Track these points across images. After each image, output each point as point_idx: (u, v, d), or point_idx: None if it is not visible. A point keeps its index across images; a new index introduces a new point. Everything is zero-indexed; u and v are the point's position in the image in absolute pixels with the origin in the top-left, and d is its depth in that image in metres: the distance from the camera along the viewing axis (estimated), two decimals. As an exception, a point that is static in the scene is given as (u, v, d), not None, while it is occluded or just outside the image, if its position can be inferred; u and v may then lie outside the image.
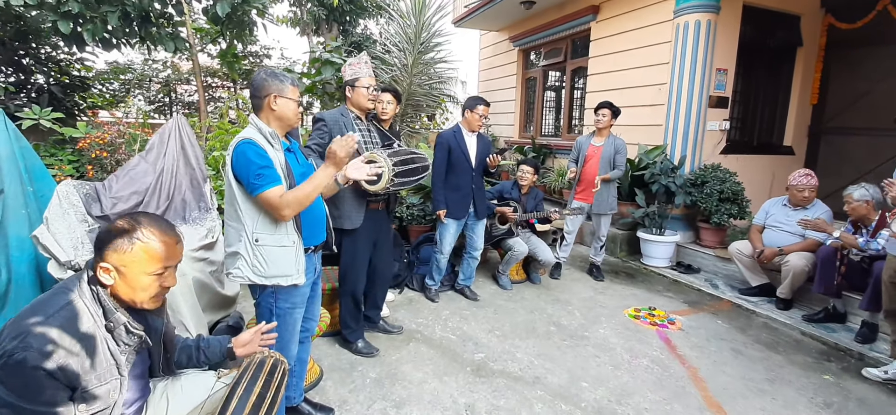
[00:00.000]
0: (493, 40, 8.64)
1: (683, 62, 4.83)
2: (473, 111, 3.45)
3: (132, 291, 1.26)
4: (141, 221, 1.26)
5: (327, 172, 1.80)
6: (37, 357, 1.07)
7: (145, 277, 1.26)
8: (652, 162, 4.86)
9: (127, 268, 1.23)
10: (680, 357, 3.00)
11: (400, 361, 2.82)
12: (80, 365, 1.15)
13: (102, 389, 1.21)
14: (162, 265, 1.28)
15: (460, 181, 3.44)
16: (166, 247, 1.29)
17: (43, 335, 1.10)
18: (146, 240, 1.24)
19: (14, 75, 5.07)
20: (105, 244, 1.21)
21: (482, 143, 3.58)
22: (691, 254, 4.83)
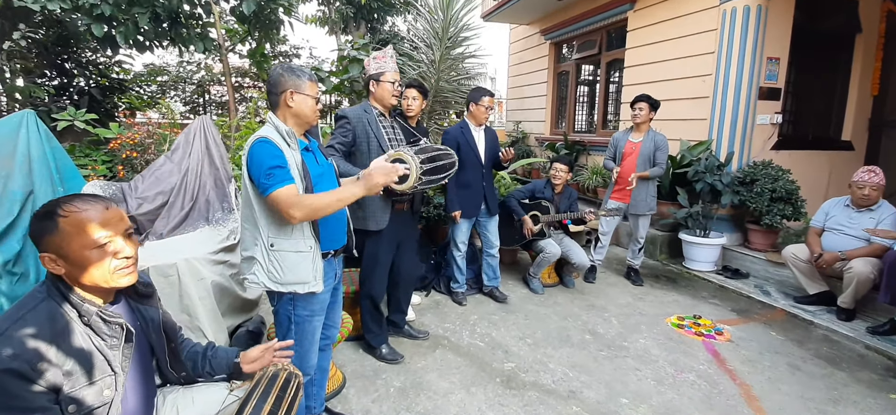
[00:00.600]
0: (523, 34, 8.40)
1: (731, 51, 4.49)
2: (479, 104, 3.30)
3: (86, 272, 1.16)
4: (58, 201, 1.16)
5: (355, 191, 1.68)
6: (6, 361, 1.00)
7: (89, 252, 1.15)
8: (695, 159, 4.54)
9: (65, 249, 1.13)
10: (730, 372, 2.75)
11: (425, 369, 2.69)
12: (60, 366, 1.08)
13: (92, 389, 1.13)
14: (99, 234, 1.16)
15: (470, 178, 3.29)
16: (96, 212, 1.17)
17: (14, 340, 1.04)
18: (66, 214, 1.13)
19: (57, 79, 5.26)
20: (37, 237, 1.13)
21: (490, 136, 3.44)
22: (739, 258, 4.49)
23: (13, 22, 4.11)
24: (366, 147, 2.50)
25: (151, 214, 2.65)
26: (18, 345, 1.03)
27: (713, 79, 4.65)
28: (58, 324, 1.11)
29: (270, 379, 1.48)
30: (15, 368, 1.00)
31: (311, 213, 1.62)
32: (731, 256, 4.56)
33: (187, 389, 1.53)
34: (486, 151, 3.38)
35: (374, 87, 2.57)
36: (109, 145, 3.70)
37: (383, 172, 1.69)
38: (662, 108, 4.20)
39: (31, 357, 1.04)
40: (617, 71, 6.50)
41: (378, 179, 1.69)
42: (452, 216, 3.32)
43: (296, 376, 1.55)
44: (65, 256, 1.13)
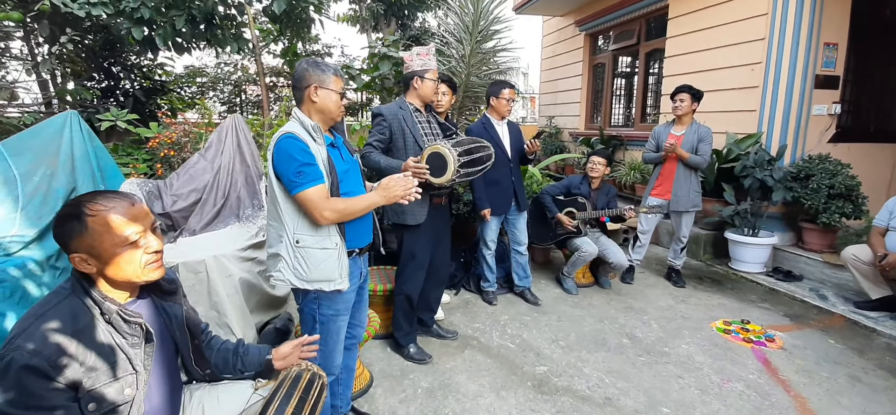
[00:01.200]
0: (556, 26, 8.16)
1: (783, 37, 4.18)
2: (499, 96, 3.20)
3: (119, 268, 1.16)
4: (81, 201, 1.15)
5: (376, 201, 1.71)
6: (26, 357, 1.00)
7: (121, 249, 1.15)
8: (744, 153, 4.25)
9: (96, 247, 1.13)
10: (783, 382, 2.54)
11: (454, 370, 2.62)
12: (82, 363, 1.07)
13: (113, 386, 1.13)
14: (129, 230, 1.16)
15: (498, 175, 3.19)
16: (123, 209, 1.16)
17: (36, 336, 1.03)
18: (94, 213, 1.13)
19: (105, 82, 5.51)
20: (65, 236, 1.12)
21: (513, 130, 3.33)
22: (792, 259, 4.18)
23: (62, 27, 4.34)
24: (402, 143, 2.49)
25: (185, 211, 2.70)
26: (40, 342, 1.03)
27: (763, 67, 4.34)
28: (80, 321, 1.11)
29: (294, 380, 1.45)
30: (35, 365, 1.00)
31: (342, 215, 1.64)
32: (783, 256, 4.25)
33: (213, 386, 1.52)
34: (512, 145, 3.28)
35: (418, 84, 2.54)
36: (148, 144, 3.85)
37: (404, 188, 1.70)
38: (707, 99, 3.95)
39: (52, 354, 1.03)
40: (657, 62, 6.21)
41: (396, 192, 1.70)
42: (482, 215, 3.23)
43: (319, 378, 1.52)
44: (97, 255, 1.13)
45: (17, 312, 1.80)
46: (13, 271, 1.86)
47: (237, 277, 2.23)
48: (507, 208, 3.32)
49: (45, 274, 2.01)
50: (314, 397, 1.45)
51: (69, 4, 3.87)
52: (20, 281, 1.86)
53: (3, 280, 1.81)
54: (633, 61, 6.81)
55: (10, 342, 1.02)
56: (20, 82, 4.86)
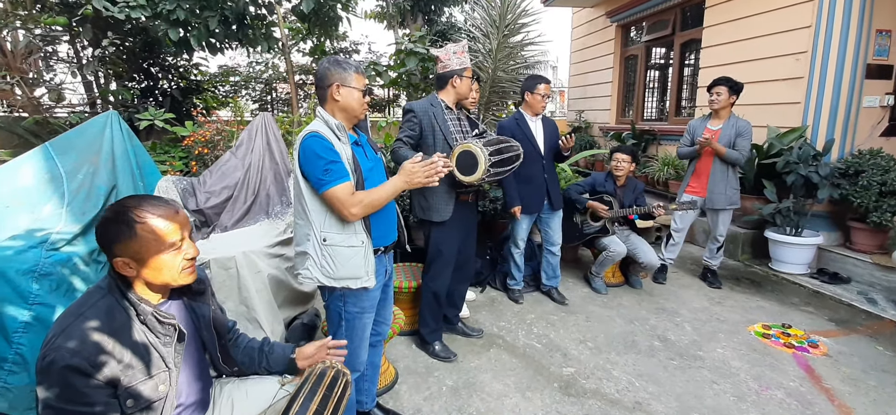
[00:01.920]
0: (586, 17, 7.97)
1: (831, 24, 3.93)
2: (534, 92, 3.12)
3: (159, 273, 1.21)
4: (131, 204, 1.19)
5: (398, 186, 1.70)
6: (67, 356, 1.04)
7: (165, 256, 1.20)
8: (786, 148, 4.03)
9: (141, 254, 1.17)
10: (827, 391, 2.40)
11: (479, 369, 2.60)
12: (119, 360, 1.11)
13: (148, 384, 1.17)
14: (174, 238, 1.21)
15: (531, 171, 3.12)
16: (168, 218, 1.21)
17: (75, 335, 1.08)
18: (144, 219, 1.17)
19: (144, 82, 5.75)
20: (110, 240, 1.16)
21: (548, 126, 3.24)
22: (839, 260, 3.94)
23: (104, 31, 4.55)
24: (432, 140, 2.49)
25: (218, 208, 2.78)
26: (79, 341, 1.07)
27: (809, 56, 4.10)
28: (116, 320, 1.15)
29: (318, 377, 1.46)
30: (75, 364, 1.04)
31: (368, 208, 1.64)
32: (829, 257, 4.02)
33: (241, 381, 1.56)
34: (546, 141, 3.21)
35: (456, 83, 2.53)
36: (184, 142, 3.98)
37: (425, 174, 1.68)
38: (746, 91, 3.76)
39: (92, 353, 1.07)
40: (692, 52, 5.97)
41: (419, 179, 1.68)
42: (512, 212, 3.16)
43: (343, 375, 1.53)
44: (140, 259, 1.17)
45: (64, 304, 1.89)
46: (60, 266, 1.95)
47: (266, 273, 2.28)
48: (539, 207, 3.25)
49: (89, 268, 2.10)
50: (338, 394, 1.46)
51: (110, 8, 4.04)
52: (66, 275, 1.96)
53: (51, 274, 1.91)
54: (668, 52, 6.56)
55: (52, 342, 1.07)
56: (67, 84, 5.14)
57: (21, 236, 2.00)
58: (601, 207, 3.50)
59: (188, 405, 1.34)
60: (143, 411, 1.16)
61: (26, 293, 1.81)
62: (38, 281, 1.86)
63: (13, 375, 1.74)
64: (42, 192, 2.35)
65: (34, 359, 1.78)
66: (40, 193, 2.34)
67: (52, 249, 2.00)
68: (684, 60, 6.13)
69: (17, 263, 1.83)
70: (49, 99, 4.71)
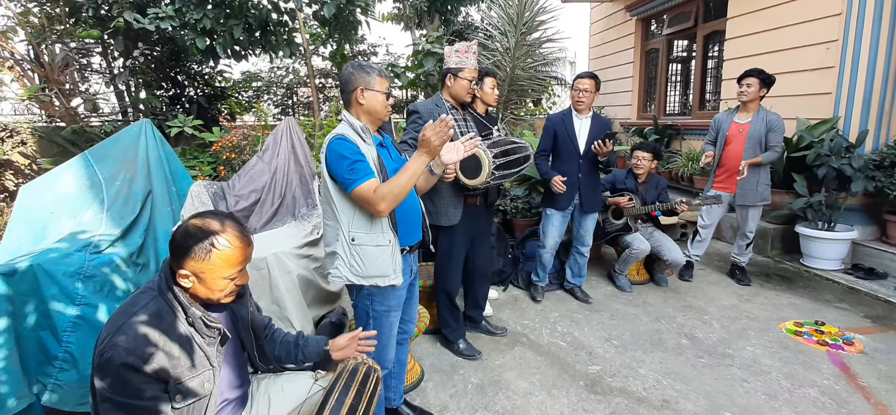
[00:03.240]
0: (605, 12, 7.87)
1: (863, 11, 3.80)
2: (573, 88, 3.11)
3: (209, 292, 1.28)
4: (215, 227, 1.26)
5: (420, 160, 1.61)
6: (122, 354, 1.11)
7: (222, 281, 1.27)
8: (817, 140, 3.92)
9: (205, 274, 1.24)
10: (862, 389, 2.33)
11: (503, 367, 2.61)
12: (168, 359, 1.18)
13: (195, 381, 1.23)
14: (238, 269, 1.30)
15: (566, 168, 3.10)
16: (241, 251, 1.29)
17: (128, 334, 1.14)
18: (222, 247, 1.25)
19: (172, 90, 5.93)
20: (184, 252, 1.22)
21: (596, 126, 3.14)
22: (875, 255, 3.81)
23: (134, 42, 4.72)
24: None
25: (247, 211, 2.86)
26: (133, 340, 1.14)
27: (840, 45, 3.97)
28: (166, 321, 1.22)
29: (351, 373, 1.51)
30: (130, 362, 1.12)
31: (395, 199, 1.61)
32: (864, 252, 3.89)
33: (277, 377, 1.62)
34: (589, 141, 3.10)
35: (450, 82, 2.50)
36: (212, 148, 4.10)
37: (434, 131, 1.58)
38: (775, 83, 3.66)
39: (144, 351, 1.14)
40: (716, 44, 5.84)
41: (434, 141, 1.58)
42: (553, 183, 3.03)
43: (374, 371, 1.57)
44: (201, 278, 1.24)
45: (106, 304, 1.98)
46: (103, 268, 2.05)
47: (295, 273, 2.34)
48: (568, 203, 3.19)
49: (129, 270, 2.20)
50: (371, 388, 1.50)
51: (141, 20, 4.20)
52: (109, 276, 2.05)
53: (95, 275, 2.00)
54: (690, 45, 6.44)
55: (109, 339, 1.14)
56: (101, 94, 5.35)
57: (66, 240, 2.10)
58: (623, 200, 3.46)
59: (231, 401, 1.40)
60: (190, 406, 1.22)
61: (73, 294, 1.91)
62: (84, 282, 1.95)
63: (63, 372, 1.84)
64: (83, 198, 2.47)
65: (82, 356, 1.88)
66: (82, 199, 2.46)
67: (95, 252, 2.10)
68: (708, 53, 6.00)
69: (65, 266, 1.92)
70: (85, 109, 4.91)
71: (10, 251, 2.13)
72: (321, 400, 1.45)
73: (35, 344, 1.82)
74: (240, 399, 1.46)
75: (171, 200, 2.82)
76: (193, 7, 4.34)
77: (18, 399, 1.72)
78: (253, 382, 1.59)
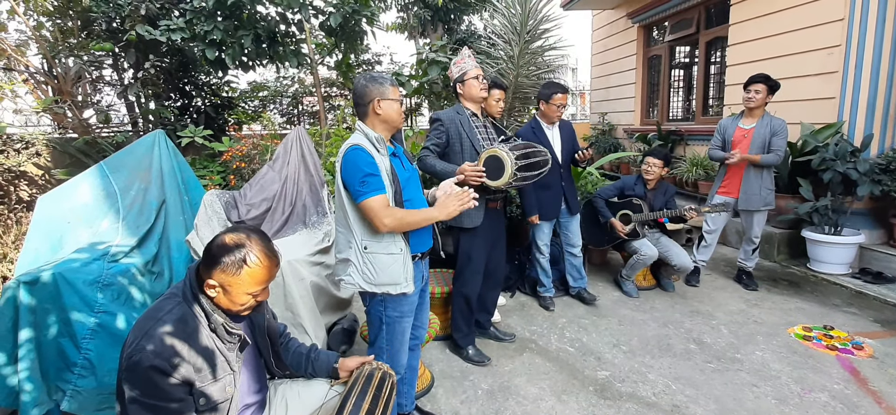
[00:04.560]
0: (607, 20, 7.93)
1: (866, 15, 3.83)
2: (550, 101, 3.13)
3: (231, 304, 1.31)
4: (250, 245, 1.29)
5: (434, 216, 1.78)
6: (150, 358, 1.15)
7: (245, 296, 1.31)
8: (822, 144, 3.93)
9: (232, 287, 1.28)
10: (873, 394, 2.34)
11: (513, 372, 2.63)
12: (192, 363, 1.22)
13: (217, 385, 1.27)
14: (262, 287, 1.33)
15: (549, 179, 3.12)
16: (269, 271, 1.33)
17: (155, 338, 1.18)
18: (253, 265, 1.28)
19: (180, 100, 6.02)
20: (215, 263, 1.25)
21: (565, 132, 3.27)
22: (883, 259, 3.81)
23: (145, 54, 4.80)
24: (459, 147, 2.55)
25: (258, 219, 2.90)
26: (159, 344, 1.18)
27: (843, 50, 4.00)
28: (189, 326, 1.26)
29: (367, 378, 1.53)
30: (158, 365, 1.16)
31: (399, 225, 1.71)
32: (872, 256, 3.89)
33: (294, 382, 1.65)
34: (563, 149, 3.23)
35: (461, 89, 2.63)
36: (222, 157, 4.16)
37: (458, 199, 1.77)
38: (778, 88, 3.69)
39: (170, 355, 1.18)
40: (718, 50, 5.88)
41: (452, 207, 1.76)
42: (530, 221, 3.20)
43: (390, 376, 1.60)
44: (228, 291, 1.28)
45: (124, 312, 2.02)
46: (120, 276, 2.09)
47: (308, 280, 2.38)
48: (556, 213, 3.29)
49: (145, 278, 2.24)
50: (387, 394, 1.52)
51: (153, 32, 4.28)
52: (126, 285, 2.09)
53: (113, 284, 2.04)
54: (692, 51, 6.48)
55: (136, 343, 1.18)
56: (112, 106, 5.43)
57: (85, 250, 2.15)
58: (618, 226, 3.49)
59: (251, 406, 1.44)
60: (213, 410, 1.25)
61: (92, 302, 1.95)
62: (102, 291, 1.99)
63: (82, 378, 1.87)
64: (99, 208, 2.52)
65: (100, 363, 1.92)
66: (98, 209, 2.51)
67: (112, 261, 2.14)
68: (710, 59, 6.03)
69: (84, 275, 1.97)
70: (97, 120, 4.99)
71: (29, 262, 2.17)
72: (338, 406, 1.47)
73: (55, 352, 1.86)
74: (259, 404, 1.50)
75: (184, 210, 2.86)
76: (204, 19, 4.42)
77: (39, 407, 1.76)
78: (271, 387, 1.62)
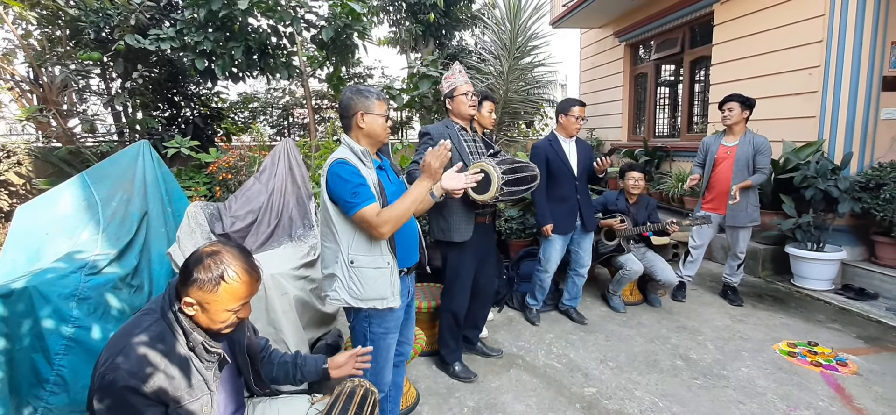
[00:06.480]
0: (595, 38, 8.07)
1: (844, 39, 3.95)
2: (568, 115, 3.15)
3: (211, 322, 1.28)
4: (227, 260, 1.25)
5: (422, 185, 1.70)
6: (124, 377, 1.11)
7: (225, 313, 1.27)
8: (803, 162, 4.01)
9: (210, 305, 1.25)
10: (859, 411, 2.35)
11: (500, 389, 2.60)
12: (168, 382, 1.18)
13: (195, 405, 1.23)
14: (242, 303, 1.30)
15: (565, 192, 3.15)
16: (249, 287, 1.29)
17: (130, 356, 1.14)
18: (231, 282, 1.25)
19: (168, 111, 5.96)
20: (191, 280, 1.22)
21: (582, 148, 3.27)
22: (865, 275, 3.87)
23: (134, 64, 4.77)
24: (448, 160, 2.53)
25: (243, 232, 2.86)
26: (134, 362, 1.14)
27: (822, 71, 4.11)
28: (166, 344, 1.22)
29: (348, 396, 1.50)
30: (132, 385, 1.11)
31: (397, 222, 1.66)
32: (854, 272, 3.95)
33: (273, 400, 1.60)
34: (579, 163, 3.20)
35: (450, 104, 2.64)
36: (208, 168, 4.11)
37: (434, 154, 1.67)
38: (760, 107, 3.77)
39: (145, 374, 1.14)
40: (702, 69, 6.01)
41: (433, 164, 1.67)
42: (544, 231, 3.13)
43: (372, 394, 1.56)
44: (206, 309, 1.24)
45: (100, 325, 1.97)
46: (98, 290, 2.04)
47: (292, 294, 2.34)
48: (571, 227, 3.23)
49: (124, 291, 2.19)
50: (368, 412, 1.49)
51: (142, 41, 4.25)
52: (103, 298, 2.04)
53: (90, 297, 1.99)
54: (677, 70, 6.61)
55: (111, 361, 1.14)
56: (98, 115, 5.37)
57: (62, 261, 2.10)
58: (615, 222, 3.50)
59: (224, 422, 1.39)
60: None
61: (67, 316, 1.89)
62: (78, 304, 1.94)
63: (54, 395, 1.81)
64: (79, 219, 2.46)
65: (73, 380, 1.86)
66: (78, 220, 2.46)
67: (90, 273, 2.09)
68: (694, 77, 6.16)
69: (60, 288, 1.91)
70: (82, 129, 4.92)
71: (6, 272, 2.11)
72: (318, 425, 1.44)
73: (28, 366, 1.80)
74: (235, 425, 1.45)
75: (166, 222, 2.81)
76: (195, 30, 4.41)
77: (8, 424, 1.70)
78: (249, 406, 1.58)
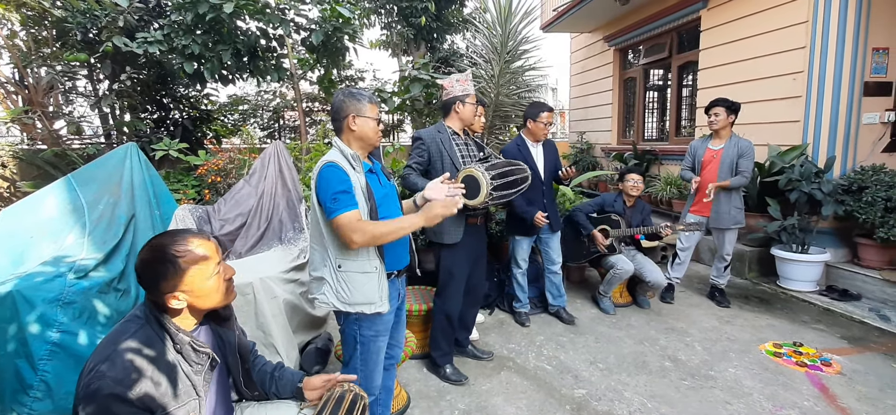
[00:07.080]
0: (585, 42, 8.15)
1: (826, 44, 4.03)
2: (537, 120, 3.19)
3: (208, 298, 1.27)
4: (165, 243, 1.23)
5: (416, 223, 1.72)
6: (110, 385, 1.09)
7: (210, 281, 1.26)
8: (788, 165, 4.08)
9: (191, 285, 1.23)
10: (843, 411, 2.39)
11: (490, 392, 2.61)
12: (155, 389, 1.16)
13: (181, 411, 1.21)
14: (214, 263, 1.27)
15: (532, 196, 3.17)
16: (205, 247, 1.27)
17: (116, 364, 1.12)
18: (184, 254, 1.22)
19: (157, 113, 5.91)
20: (155, 281, 1.20)
21: (549, 151, 3.32)
22: (848, 276, 3.95)
23: (122, 65, 4.72)
24: (440, 165, 2.57)
25: (232, 235, 2.85)
26: (121, 370, 1.12)
27: (806, 76, 4.19)
28: (154, 349, 1.20)
29: (337, 401, 1.49)
30: (118, 393, 1.09)
31: (371, 240, 1.65)
32: (837, 274, 4.02)
33: (261, 405, 1.59)
34: (546, 166, 3.28)
35: (459, 109, 2.64)
36: (197, 171, 4.08)
37: (444, 205, 1.73)
38: (746, 111, 3.83)
39: (133, 381, 1.12)
40: (690, 74, 6.09)
41: (437, 211, 1.72)
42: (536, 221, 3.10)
43: (361, 398, 1.55)
44: (189, 290, 1.23)
45: (86, 330, 1.94)
46: (83, 294, 2.01)
47: (281, 298, 2.33)
48: (537, 229, 3.30)
49: (110, 296, 2.16)
50: (356, 418, 1.48)
51: (130, 44, 4.21)
52: (89, 303, 2.01)
53: (75, 302, 1.96)
54: (666, 75, 6.70)
55: (95, 370, 1.11)
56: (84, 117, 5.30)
57: (47, 264, 2.06)
58: (599, 238, 3.55)
59: (212, 427, 1.37)
60: None
61: (52, 321, 1.86)
62: (63, 309, 1.91)
63: (38, 401, 1.78)
64: (65, 222, 2.43)
65: (58, 386, 1.83)
66: (63, 223, 2.42)
67: (75, 277, 2.06)
68: (682, 82, 6.24)
69: (44, 292, 1.89)
70: (68, 132, 4.85)
71: (-13, 277, 2.07)
72: (307, 429, 1.43)
73: (11, 372, 1.77)
74: (223, 430, 1.43)
75: (154, 225, 2.78)
76: (182, 33, 4.37)
77: (-11, 432, 1.67)
78: (237, 410, 1.56)
